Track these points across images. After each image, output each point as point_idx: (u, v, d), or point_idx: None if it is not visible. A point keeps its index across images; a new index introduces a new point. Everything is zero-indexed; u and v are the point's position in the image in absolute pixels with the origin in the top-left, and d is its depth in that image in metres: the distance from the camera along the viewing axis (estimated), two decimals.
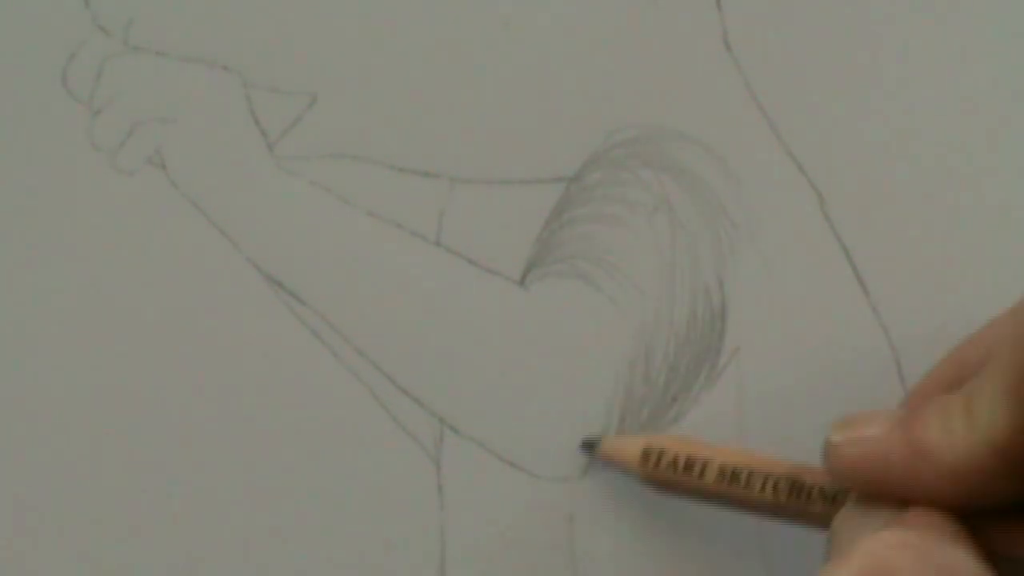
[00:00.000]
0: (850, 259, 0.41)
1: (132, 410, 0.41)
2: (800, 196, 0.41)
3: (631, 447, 0.39)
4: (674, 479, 0.38)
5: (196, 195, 0.41)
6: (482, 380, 0.41)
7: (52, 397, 0.41)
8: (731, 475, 0.37)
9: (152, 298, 0.41)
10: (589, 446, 0.40)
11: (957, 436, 0.32)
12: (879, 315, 0.41)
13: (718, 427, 0.41)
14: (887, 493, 0.34)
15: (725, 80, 0.41)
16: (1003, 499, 0.33)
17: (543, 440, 0.41)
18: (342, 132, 0.41)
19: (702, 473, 0.38)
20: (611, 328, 0.41)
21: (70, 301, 0.41)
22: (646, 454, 0.38)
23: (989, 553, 0.32)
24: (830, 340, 0.41)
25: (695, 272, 0.41)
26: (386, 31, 0.41)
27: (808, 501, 0.36)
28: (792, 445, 0.41)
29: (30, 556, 0.41)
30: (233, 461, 0.41)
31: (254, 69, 0.41)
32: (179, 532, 0.41)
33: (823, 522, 0.36)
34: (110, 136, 0.41)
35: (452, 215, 0.41)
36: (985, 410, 0.32)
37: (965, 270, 0.41)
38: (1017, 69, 0.41)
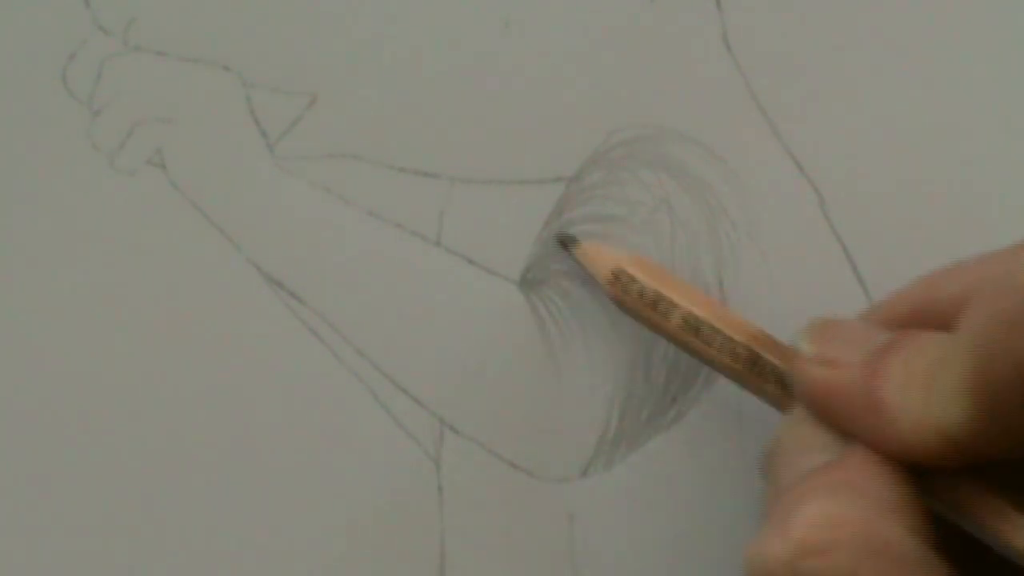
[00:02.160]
0: (850, 259, 0.41)
1: (132, 410, 0.41)
2: (800, 196, 0.41)
3: (604, 261, 0.38)
4: (638, 310, 0.37)
5: (196, 195, 0.41)
6: (482, 380, 0.41)
7: (52, 397, 0.41)
8: (693, 326, 0.37)
9: (152, 298, 0.41)
10: (564, 241, 0.40)
11: (913, 409, 0.32)
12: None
13: (718, 427, 0.41)
14: (838, 424, 0.33)
15: (725, 80, 0.41)
16: (953, 468, 0.32)
17: (543, 440, 0.41)
18: (342, 132, 0.41)
19: (666, 314, 0.37)
20: (611, 328, 0.41)
21: (70, 301, 0.41)
22: (616, 275, 0.37)
23: (928, 510, 0.32)
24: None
25: (695, 272, 0.41)
26: (386, 31, 0.41)
27: (763, 379, 0.36)
28: None
29: (30, 556, 0.41)
30: (233, 461, 0.41)
31: (254, 69, 0.41)
32: (179, 532, 0.41)
33: (775, 403, 0.35)
34: (110, 136, 0.41)
35: (452, 215, 0.41)
36: (944, 398, 0.31)
37: None
38: (1018, 69, 0.41)
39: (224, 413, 0.41)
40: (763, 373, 0.36)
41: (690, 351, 0.37)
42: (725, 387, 0.41)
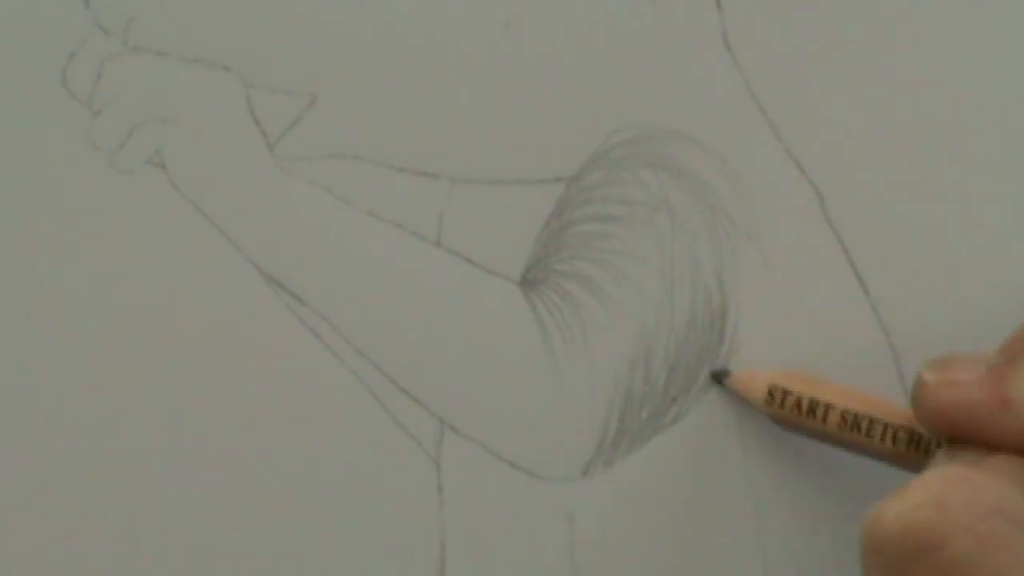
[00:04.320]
0: (850, 259, 0.41)
1: (132, 410, 0.41)
2: (800, 196, 0.41)
3: (758, 384, 0.39)
4: (797, 419, 0.39)
5: (196, 195, 0.41)
6: (482, 380, 0.41)
7: (52, 397, 0.41)
8: (852, 422, 0.38)
9: (152, 298, 0.41)
10: (718, 377, 0.40)
11: None
12: (879, 315, 0.41)
13: (718, 427, 0.41)
14: (973, 439, 0.34)
15: (725, 80, 0.41)
16: None
17: (543, 440, 0.41)
18: (342, 132, 0.41)
19: (824, 417, 0.38)
20: (611, 328, 0.41)
21: (70, 301, 0.41)
22: (771, 393, 0.39)
23: None
24: (830, 340, 0.41)
25: (695, 272, 0.41)
26: (386, 31, 0.41)
27: (926, 454, 0.37)
28: (792, 444, 0.41)
29: (30, 556, 0.41)
30: (233, 461, 0.41)
31: (254, 69, 0.41)
32: (178, 532, 0.41)
33: None
34: (110, 136, 0.41)
35: (452, 215, 0.41)
36: None
37: (966, 270, 0.41)
38: (1018, 69, 0.41)
39: (224, 413, 0.41)
40: (927, 449, 0.37)
41: (853, 446, 0.38)
42: (725, 387, 0.41)
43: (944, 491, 0.31)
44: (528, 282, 0.41)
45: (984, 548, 0.31)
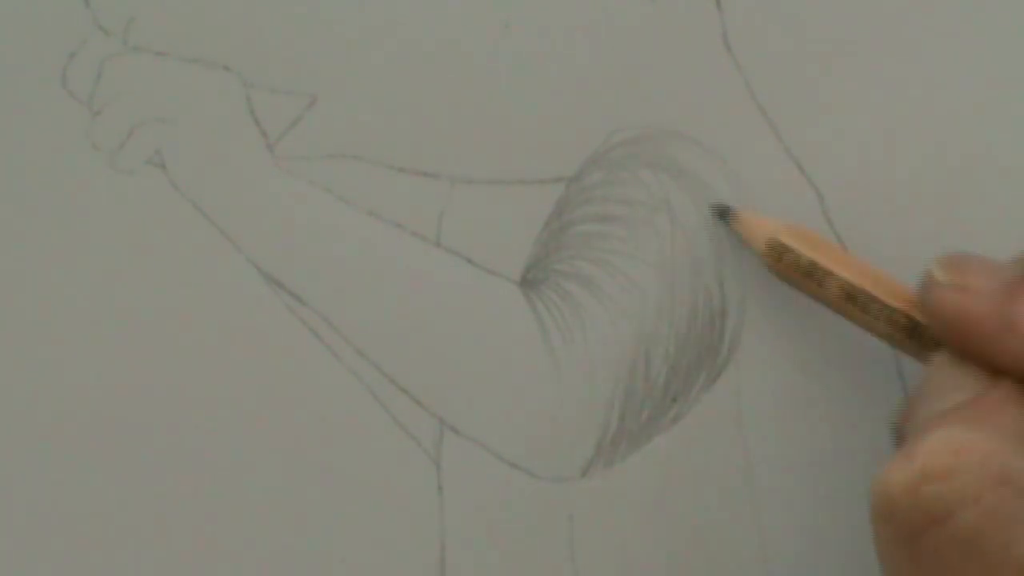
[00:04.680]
0: None
1: (132, 410, 0.41)
2: (800, 196, 0.41)
3: (760, 232, 0.39)
4: (795, 278, 0.38)
5: (196, 195, 0.41)
6: (482, 380, 0.41)
7: (52, 396, 0.41)
8: (851, 295, 0.37)
9: (152, 298, 0.41)
10: (720, 212, 0.40)
11: None
12: None
13: (718, 427, 0.41)
14: (976, 354, 0.34)
15: (725, 80, 0.41)
16: None
17: (543, 440, 0.41)
18: (342, 132, 0.41)
19: (823, 284, 0.37)
20: (611, 328, 0.41)
21: (70, 301, 0.41)
22: (772, 247, 0.38)
23: None
24: (830, 340, 0.41)
25: (695, 272, 0.41)
26: (386, 31, 0.41)
27: (922, 344, 0.36)
28: (792, 445, 0.41)
29: (29, 556, 0.41)
30: (233, 461, 0.41)
31: (254, 69, 0.41)
32: (178, 532, 0.41)
33: None
34: (110, 136, 0.41)
35: (452, 215, 0.41)
36: None
37: None
38: (1018, 68, 0.41)
39: (224, 413, 0.41)
40: (922, 338, 0.36)
41: (849, 318, 0.37)
42: (725, 387, 0.41)
43: (951, 461, 0.31)
44: (528, 282, 0.41)
45: (992, 520, 0.31)
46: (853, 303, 0.37)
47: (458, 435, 0.41)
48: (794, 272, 0.38)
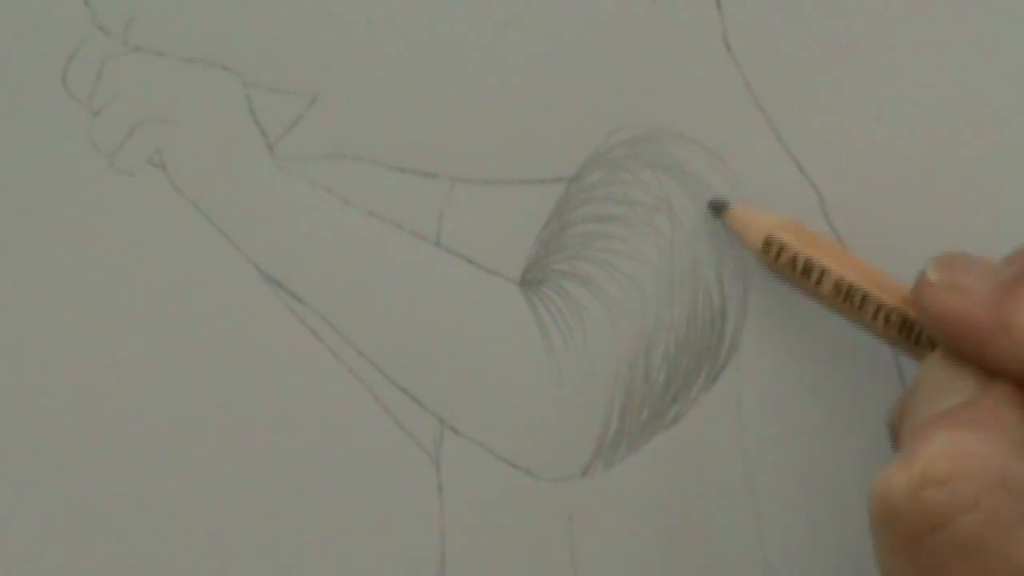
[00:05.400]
0: None
1: (131, 410, 0.41)
2: (800, 196, 0.41)
3: (755, 228, 0.39)
4: (790, 276, 0.38)
5: (196, 195, 0.41)
6: (482, 380, 0.41)
7: (52, 397, 0.41)
8: (846, 293, 0.37)
9: (152, 298, 0.41)
10: (716, 208, 0.40)
11: None
12: None
13: (718, 427, 0.41)
14: (970, 354, 0.34)
15: (725, 80, 0.41)
16: None
17: (543, 440, 0.41)
18: (342, 132, 0.41)
19: (819, 281, 0.37)
20: (611, 328, 0.41)
21: (70, 301, 0.41)
22: (768, 242, 0.38)
23: None
24: (830, 340, 0.41)
25: (695, 272, 0.41)
26: (386, 31, 0.41)
27: (917, 342, 0.36)
28: (792, 445, 0.41)
29: (30, 556, 0.41)
30: (232, 461, 0.41)
31: (254, 69, 0.41)
32: (178, 531, 0.41)
33: None
34: (110, 136, 0.41)
35: (452, 215, 0.41)
36: None
37: None
38: (1018, 69, 0.41)
39: (224, 413, 0.41)
40: (918, 337, 0.36)
41: (844, 315, 0.37)
42: (725, 387, 0.41)
43: (951, 466, 0.31)
44: (528, 282, 0.41)
45: (992, 525, 0.31)
46: (848, 300, 0.37)
47: (458, 435, 0.41)
48: (789, 268, 0.38)
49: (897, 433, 0.36)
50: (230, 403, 0.41)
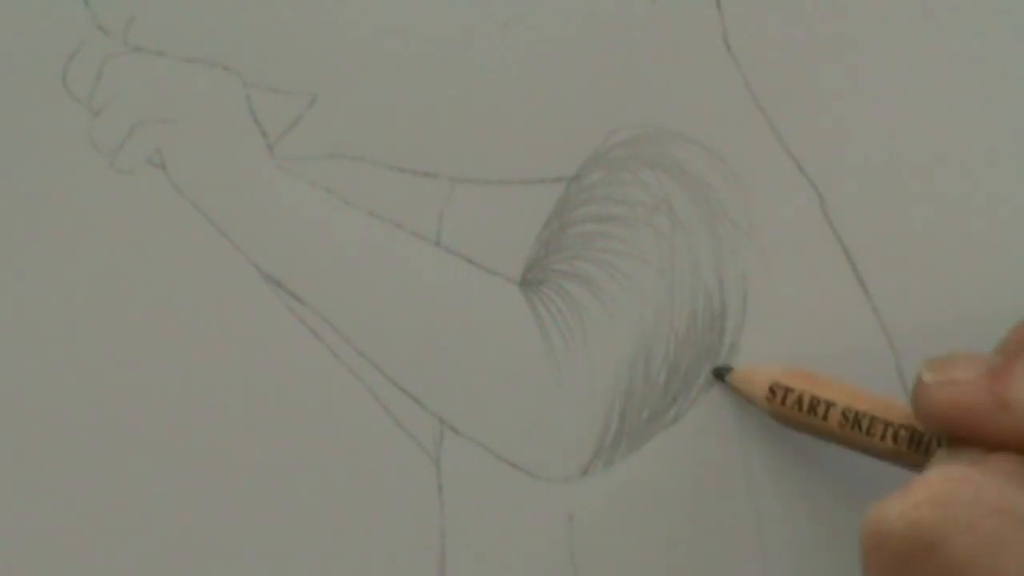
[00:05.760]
0: (850, 259, 0.41)
1: (131, 410, 0.41)
2: (800, 196, 0.41)
3: (759, 381, 0.39)
4: (798, 417, 0.38)
5: (196, 195, 0.41)
6: (482, 380, 0.41)
7: (52, 397, 0.41)
8: (853, 420, 0.37)
9: (152, 298, 0.41)
10: (719, 374, 0.40)
11: None
12: (879, 315, 0.41)
13: (718, 427, 0.41)
14: (973, 439, 0.34)
15: (725, 80, 0.41)
16: None
17: (543, 440, 0.41)
18: (342, 132, 0.41)
19: (825, 415, 0.38)
20: (611, 328, 0.41)
21: (70, 301, 0.41)
22: (772, 390, 0.39)
23: None
24: (830, 340, 0.41)
25: (695, 272, 0.41)
26: (386, 31, 0.41)
27: (927, 453, 0.36)
28: (792, 445, 0.41)
29: (29, 556, 0.41)
30: (232, 461, 0.41)
31: (254, 69, 0.41)
32: (178, 531, 0.41)
33: None
34: (110, 136, 0.41)
35: (452, 215, 0.41)
36: None
37: (965, 270, 0.41)
38: (1017, 68, 0.41)
39: (224, 413, 0.41)
40: (927, 448, 0.37)
41: (854, 444, 0.38)
42: (725, 387, 0.41)
43: (946, 489, 0.31)
44: (528, 282, 0.41)
45: (985, 547, 0.31)
46: (858, 428, 0.38)
47: (458, 435, 0.41)
48: (796, 408, 0.38)
49: None
50: (230, 403, 0.41)
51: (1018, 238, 0.38)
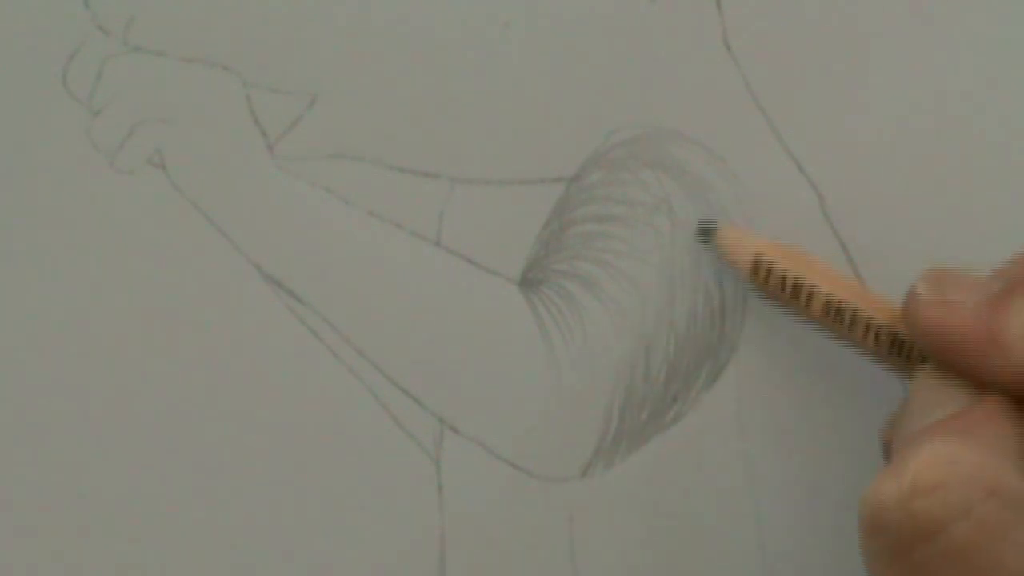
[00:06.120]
0: (850, 259, 0.41)
1: (131, 410, 0.41)
2: (800, 196, 0.41)
3: (744, 250, 0.39)
4: (780, 297, 0.38)
5: (196, 195, 0.41)
6: (482, 380, 0.41)
7: (52, 397, 0.41)
8: (835, 311, 0.37)
9: (152, 298, 0.41)
10: (705, 231, 0.40)
11: None
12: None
13: (718, 427, 0.41)
14: (959, 369, 0.34)
15: (725, 80, 0.41)
16: None
17: (543, 440, 0.41)
18: (342, 132, 0.41)
19: (808, 301, 0.37)
20: (611, 328, 0.41)
21: (70, 301, 0.41)
22: (757, 264, 0.38)
23: None
24: (830, 340, 0.41)
25: (695, 272, 0.41)
26: (386, 31, 0.41)
27: (908, 359, 0.36)
28: (792, 445, 0.41)
29: (29, 556, 0.41)
30: (232, 461, 0.41)
31: (254, 69, 0.41)
32: (178, 532, 0.41)
33: None
34: (110, 136, 0.41)
35: (452, 215, 0.41)
36: None
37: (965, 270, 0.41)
38: (1016, 68, 0.41)
39: (223, 413, 0.41)
40: (909, 354, 0.36)
41: (833, 334, 0.37)
42: (725, 387, 0.41)
43: (941, 474, 0.31)
44: (528, 282, 0.41)
45: (981, 533, 0.31)
46: (838, 318, 0.37)
47: (458, 435, 0.41)
48: (779, 289, 0.38)
49: (888, 448, 0.36)
50: (230, 403, 0.41)
51: (1019, 238, 0.38)
